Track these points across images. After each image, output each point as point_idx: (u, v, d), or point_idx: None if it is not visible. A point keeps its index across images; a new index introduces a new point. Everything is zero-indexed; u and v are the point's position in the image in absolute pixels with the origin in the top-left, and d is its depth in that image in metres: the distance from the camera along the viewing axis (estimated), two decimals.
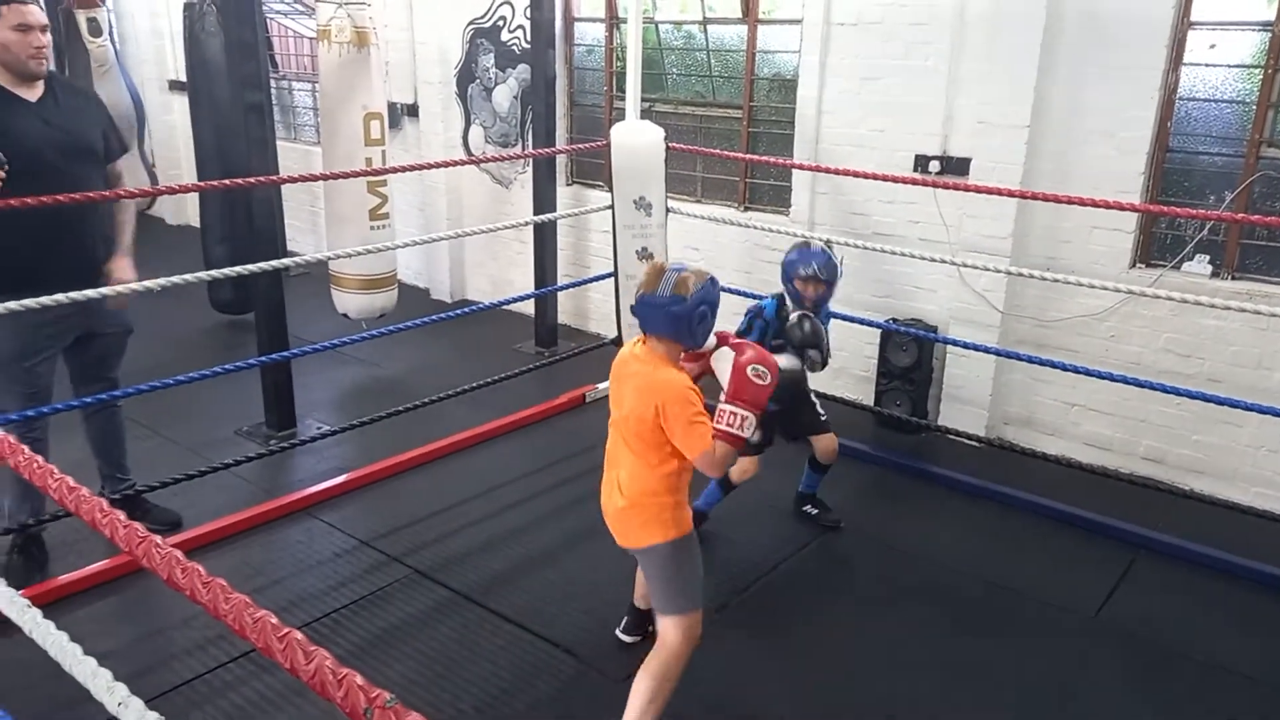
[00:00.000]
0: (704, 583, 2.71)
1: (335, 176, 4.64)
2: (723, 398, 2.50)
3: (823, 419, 3.92)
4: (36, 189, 3.05)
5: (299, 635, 1.02)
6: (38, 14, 3.20)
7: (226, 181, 4.24)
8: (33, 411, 3.29)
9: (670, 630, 2.61)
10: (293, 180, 3.76)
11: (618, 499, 2.64)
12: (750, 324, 3.73)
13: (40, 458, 1.46)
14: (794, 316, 3.64)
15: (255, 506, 4.00)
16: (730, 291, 5.23)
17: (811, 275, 3.64)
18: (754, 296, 5.28)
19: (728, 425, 2.46)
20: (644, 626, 3.16)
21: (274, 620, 1.02)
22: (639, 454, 2.56)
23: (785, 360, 3.40)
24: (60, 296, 3.14)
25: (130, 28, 8.99)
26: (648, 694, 2.56)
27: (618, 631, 3.24)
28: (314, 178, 4.40)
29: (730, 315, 5.37)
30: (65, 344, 3.43)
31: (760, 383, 2.50)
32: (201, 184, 5.28)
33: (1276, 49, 3.98)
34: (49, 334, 3.33)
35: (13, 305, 3.05)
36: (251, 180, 4.17)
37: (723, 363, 2.62)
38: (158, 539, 1.19)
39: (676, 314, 2.48)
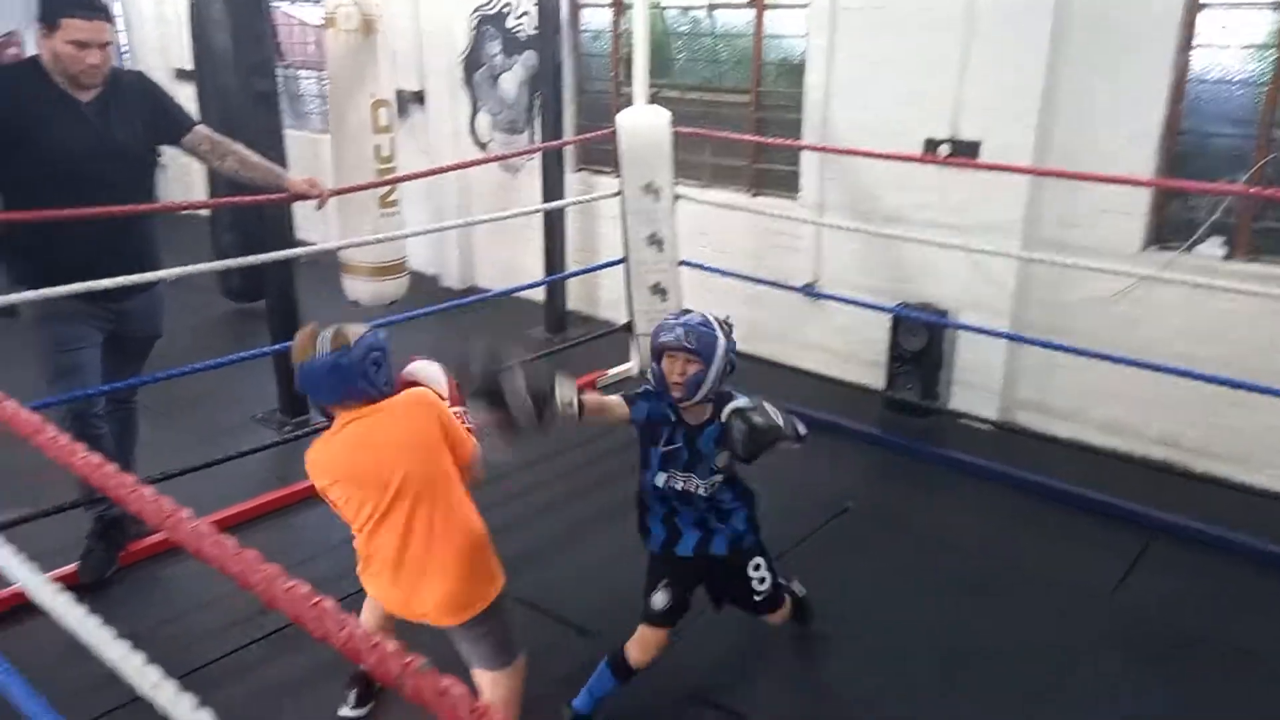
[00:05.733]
0: None
1: (351, 190, 4.79)
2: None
3: (757, 598, 2.80)
4: (80, 191, 3.04)
5: (330, 604, 1.03)
6: (98, 32, 3.03)
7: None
8: (67, 396, 3.24)
9: (503, 682, 2.42)
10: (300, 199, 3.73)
11: (439, 582, 2.33)
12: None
13: (71, 437, 1.45)
14: (737, 406, 2.50)
15: (271, 492, 4.03)
16: (740, 277, 5.24)
17: (674, 344, 2.48)
18: (765, 283, 5.28)
19: (472, 424, 2.49)
20: (371, 688, 2.85)
21: (305, 589, 1.03)
22: (448, 502, 2.37)
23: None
24: (107, 283, 3.13)
25: (135, 14, 8.96)
26: None
27: (346, 710, 2.83)
28: (336, 192, 4.48)
29: (752, 304, 5.41)
30: (97, 341, 3.39)
31: (449, 379, 2.65)
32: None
33: None
34: (84, 325, 3.30)
35: (28, 295, 3.04)
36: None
37: (422, 374, 2.69)
38: (185, 512, 1.20)
39: (345, 366, 2.27)
